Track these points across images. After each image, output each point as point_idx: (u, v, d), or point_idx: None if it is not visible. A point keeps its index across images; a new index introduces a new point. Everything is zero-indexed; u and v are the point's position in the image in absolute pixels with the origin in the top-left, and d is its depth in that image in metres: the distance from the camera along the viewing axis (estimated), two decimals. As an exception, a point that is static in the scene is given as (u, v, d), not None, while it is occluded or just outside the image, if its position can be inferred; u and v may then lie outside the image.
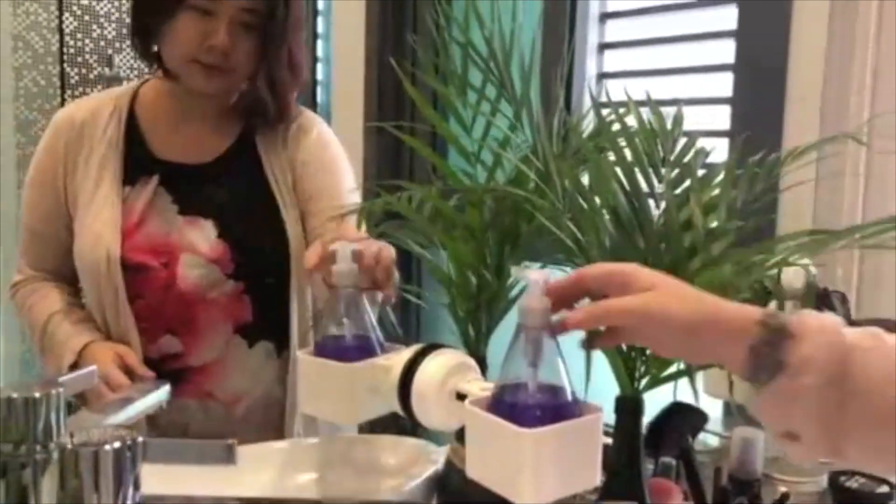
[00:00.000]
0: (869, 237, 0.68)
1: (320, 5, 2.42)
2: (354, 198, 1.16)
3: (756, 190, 0.76)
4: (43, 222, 1.17)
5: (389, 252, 0.83)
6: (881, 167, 1.28)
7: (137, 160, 1.15)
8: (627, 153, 0.79)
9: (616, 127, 0.81)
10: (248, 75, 1.12)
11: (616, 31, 1.74)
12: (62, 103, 2.78)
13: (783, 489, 0.94)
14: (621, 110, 0.83)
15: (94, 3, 2.82)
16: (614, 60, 1.74)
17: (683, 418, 0.93)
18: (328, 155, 1.19)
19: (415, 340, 1.02)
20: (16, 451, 0.55)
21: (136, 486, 0.50)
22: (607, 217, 0.73)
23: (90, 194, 1.12)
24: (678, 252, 0.74)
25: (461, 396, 0.67)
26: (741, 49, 1.45)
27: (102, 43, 2.84)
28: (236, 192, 1.15)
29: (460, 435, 0.77)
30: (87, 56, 2.82)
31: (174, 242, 1.11)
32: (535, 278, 0.61)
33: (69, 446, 0.49)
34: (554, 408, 0.59)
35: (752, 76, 1.43)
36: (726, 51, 1.48)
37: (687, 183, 0.78)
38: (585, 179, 0.79)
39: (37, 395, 0.55)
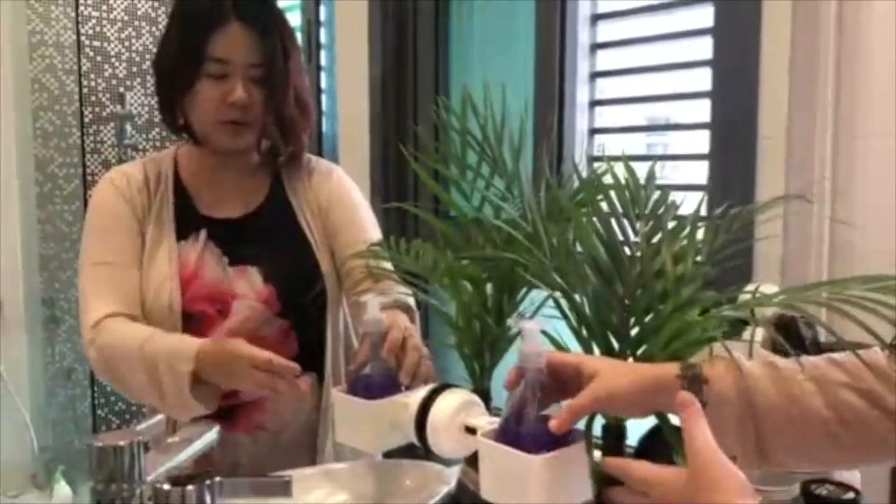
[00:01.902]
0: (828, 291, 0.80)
1: (323, 39, 2.54)
2: (376, 233, 1.30)
3: (718, 241, 0.88)
4: (122, 258, 1.21)
5: (413, 342, 0.96)
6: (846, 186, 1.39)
7: (186, 217, 1.26)
8: (605, 206, 0.91)
9: (607, 178, 0.93)
10: (264, 125, 1.24)
11: (607, 32, 1.79)
12: (81, 141, 2.91)
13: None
14: (603, 167, 0.95)
15: (105, 45, 2.95)
16: (607, 59, 1.79)
17: (667, 438, 1.05)
18: (347, 194, 1.33)
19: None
20: (107, 489, 0.67)
21: (215, 516, 0.62)
22: (588, 269, 0.85)
23: (151, 250, 1.22)
24: (652, 296, 0.86)
25: (469, 429, 0.79)
26: (717, 46, 1.52)
27: (114, 82, 2.96)
28: (275, 239, 1.27)
29: (470, 459, 0.89)
30: (100, 95, 2.94)
31: (226, 290, 1.22)
32: (530, 327, 0.73)
33: (159, 486, 0.61)
34: (551, 435, 0.72)
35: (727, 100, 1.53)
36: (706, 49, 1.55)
37: (659, 235, 0.90)
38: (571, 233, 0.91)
39: (122, 443, 0.67)
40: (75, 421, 2.88)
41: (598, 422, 0.87)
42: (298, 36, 1.36)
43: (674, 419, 0.76)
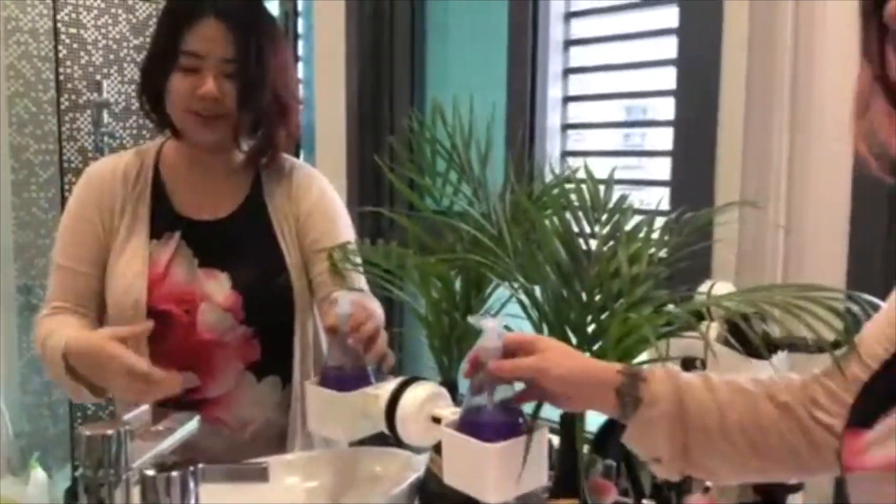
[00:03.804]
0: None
1: (301, 29, 2.56)
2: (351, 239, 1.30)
3: (672, 243, 0.94)
4: (78, 263, 1.27)
5: (373, 326, 0.99)
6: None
7: (162, 216, 1.28)
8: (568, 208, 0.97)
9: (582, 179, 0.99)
10: (238, 121, 1.24)
11: (581, 28, 1.81)
12: (57, 128, 2.90)
13: (708, 483, 1.13)
14: (569, 170, 1.01)
15: (82, 32, 2.94)
16: (581, 56, 1.82)
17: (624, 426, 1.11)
18: (329, 206, 1.33)
19: (399, 366, 1.21)
20: (95, 475, 0.71)
21: (197, 501, 0.67)
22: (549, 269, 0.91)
23: (122, 245, 1.25)
24: (608, 295, 0.92)
25: (436, 419, 0.85)
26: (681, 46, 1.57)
27: (91, 69, 2.96)
28: (247, 247, 1.28)
29: (437, 447, 0.95)
30: (77, 82, 2.94)
31: (195, 292, 1.24)
32: (489, 325, 0.79)
33: (145, 472, 0.65)
34: (508, 424, 0.78)
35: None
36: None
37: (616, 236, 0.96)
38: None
39: (109, 432, 0.72)
40: (50, 407, 2.90)
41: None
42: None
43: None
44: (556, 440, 0.95)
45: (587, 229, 0.97)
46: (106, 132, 2.95)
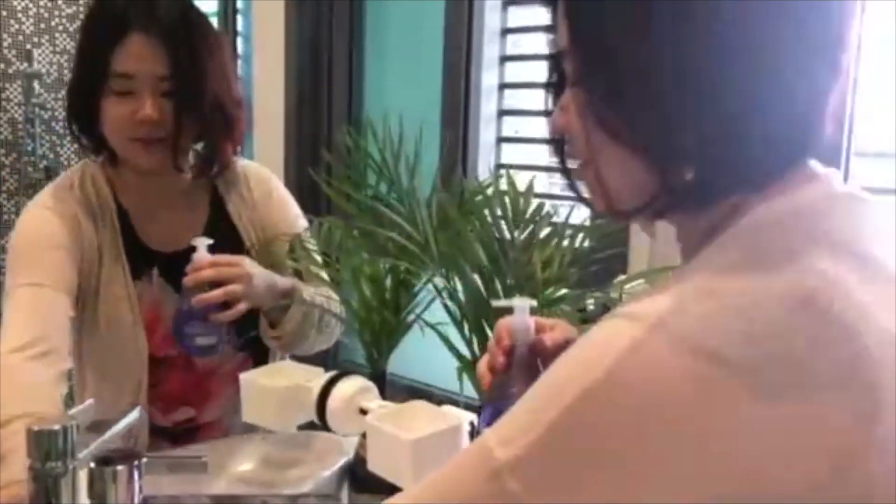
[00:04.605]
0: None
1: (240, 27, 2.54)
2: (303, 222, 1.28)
3: (582, 251, 1.03)
4: (53, 278, 1.10)
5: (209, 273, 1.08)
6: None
7: (136, 254, 1.19)
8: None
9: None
10: (179, 139, 1.14)
11: (516, 44, 1.87)
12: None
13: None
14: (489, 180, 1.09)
15: (11, 0, 2.87)
16: (515, 71, 1.87)
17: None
18: (287, 215, 1.30)
19: (334, 357, 1.29)
20: (44, 467, 0.77)
21: (141, 491, 0.74)
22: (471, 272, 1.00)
23: (105, 288, 1.15)
24: (525, 295, 1.01)
25: (363, 411, 0.93)
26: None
27: (21, 38, 2.89)
28: None
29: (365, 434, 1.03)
30: (6, 52, 2.87)
31: None
32: (521, 305, 0.82)
33: (93, 466, 0.72)
34: None
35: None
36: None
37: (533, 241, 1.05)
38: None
39: (56, 427, 0.78)
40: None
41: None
42: (214, 22, 1.35)
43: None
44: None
45: (507, 236, 1.05)
46: (37, 103, 2.90)
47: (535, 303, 0.82)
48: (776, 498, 0.46)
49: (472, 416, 0.94)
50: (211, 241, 1.13)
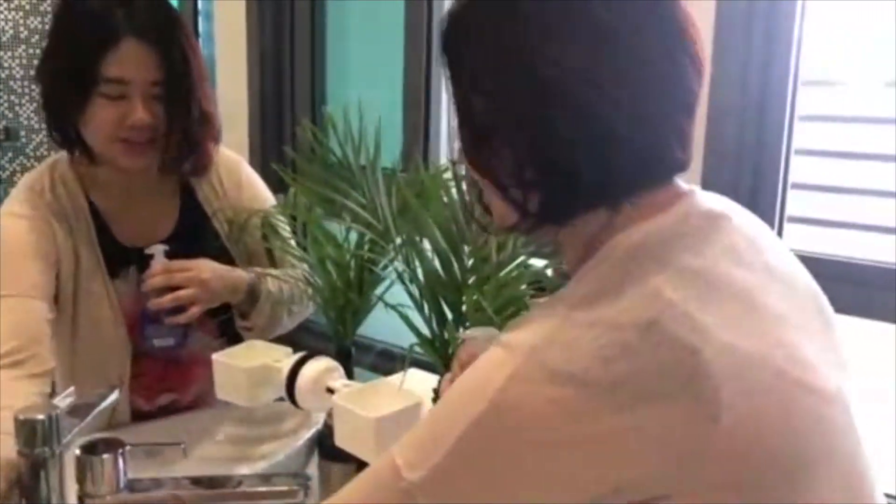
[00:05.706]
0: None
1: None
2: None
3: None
4: (30, 288, 1.12)
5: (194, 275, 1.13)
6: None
7: (111, 252, 1.21)
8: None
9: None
10: (167, 142, 1.16)
11: None
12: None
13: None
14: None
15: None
16: None
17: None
18: (261, 199, 1.34)
19: (303, 334, 1.35)
20: (31, 453, 0.83)
21: (125, 474, 0.80)
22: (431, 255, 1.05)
23: (84, 289, 1.17)
24: (482, 276, 1.07)
25: (329, 390, 1.00)
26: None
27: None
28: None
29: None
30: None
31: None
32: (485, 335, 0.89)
33: (79, 455, 0.78)
34: None
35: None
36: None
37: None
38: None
39: (40, 416, 0.83)
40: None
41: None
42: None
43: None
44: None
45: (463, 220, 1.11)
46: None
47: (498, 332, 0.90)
48: (641, 485, 0.55)
49: (434, 380, 1.02)
50: (167, 248, 1.18)
